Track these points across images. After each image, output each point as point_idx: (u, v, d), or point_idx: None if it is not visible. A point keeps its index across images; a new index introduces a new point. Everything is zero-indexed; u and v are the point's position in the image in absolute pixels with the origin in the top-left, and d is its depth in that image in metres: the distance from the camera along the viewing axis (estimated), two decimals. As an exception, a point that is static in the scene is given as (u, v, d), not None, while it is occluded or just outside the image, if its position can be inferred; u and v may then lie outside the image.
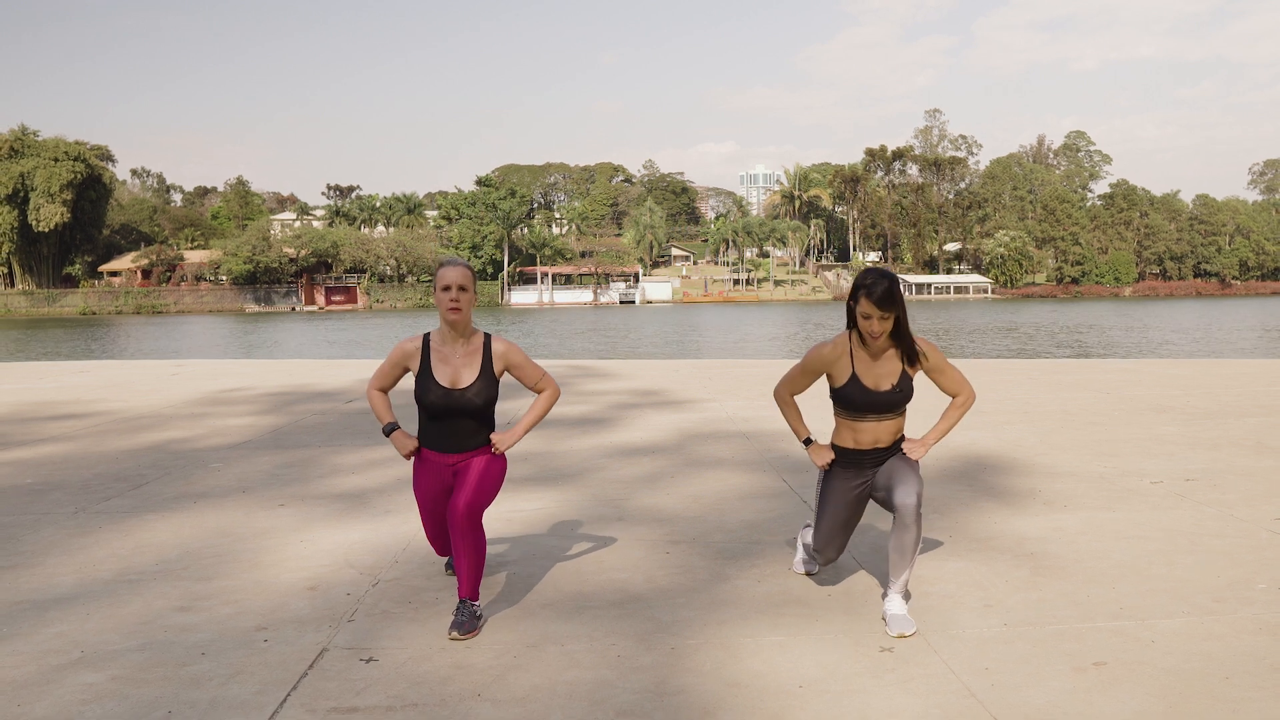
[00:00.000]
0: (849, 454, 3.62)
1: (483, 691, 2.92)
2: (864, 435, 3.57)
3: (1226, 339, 33.14)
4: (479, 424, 3.61)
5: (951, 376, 3.63)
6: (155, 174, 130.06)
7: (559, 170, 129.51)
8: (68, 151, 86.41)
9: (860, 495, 3.66)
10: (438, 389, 3.54)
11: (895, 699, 2.85)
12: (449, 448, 3.61)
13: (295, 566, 4.21)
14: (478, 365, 3.58)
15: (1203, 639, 3.26)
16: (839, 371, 3.53)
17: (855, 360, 3.52)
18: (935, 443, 3.62)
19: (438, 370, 3.57)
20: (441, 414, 3.56)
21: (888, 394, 3.50)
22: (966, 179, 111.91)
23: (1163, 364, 14.04)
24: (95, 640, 3.35)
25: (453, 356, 3.59)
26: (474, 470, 3.57)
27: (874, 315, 3.37)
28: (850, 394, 3.51)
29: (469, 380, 3.56)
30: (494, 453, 3.64)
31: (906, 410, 3.61)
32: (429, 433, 3.63)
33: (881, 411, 3.52)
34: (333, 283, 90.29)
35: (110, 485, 5.92)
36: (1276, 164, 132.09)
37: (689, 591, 3.84)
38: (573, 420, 8.51)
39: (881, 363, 3.51)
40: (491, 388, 3.58)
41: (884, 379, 3.50)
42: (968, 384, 3.67)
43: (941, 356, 3.58)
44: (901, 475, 3.49)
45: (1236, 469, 6.07)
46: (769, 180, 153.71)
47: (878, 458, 3.60)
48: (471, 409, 3.55)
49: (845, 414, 3.58)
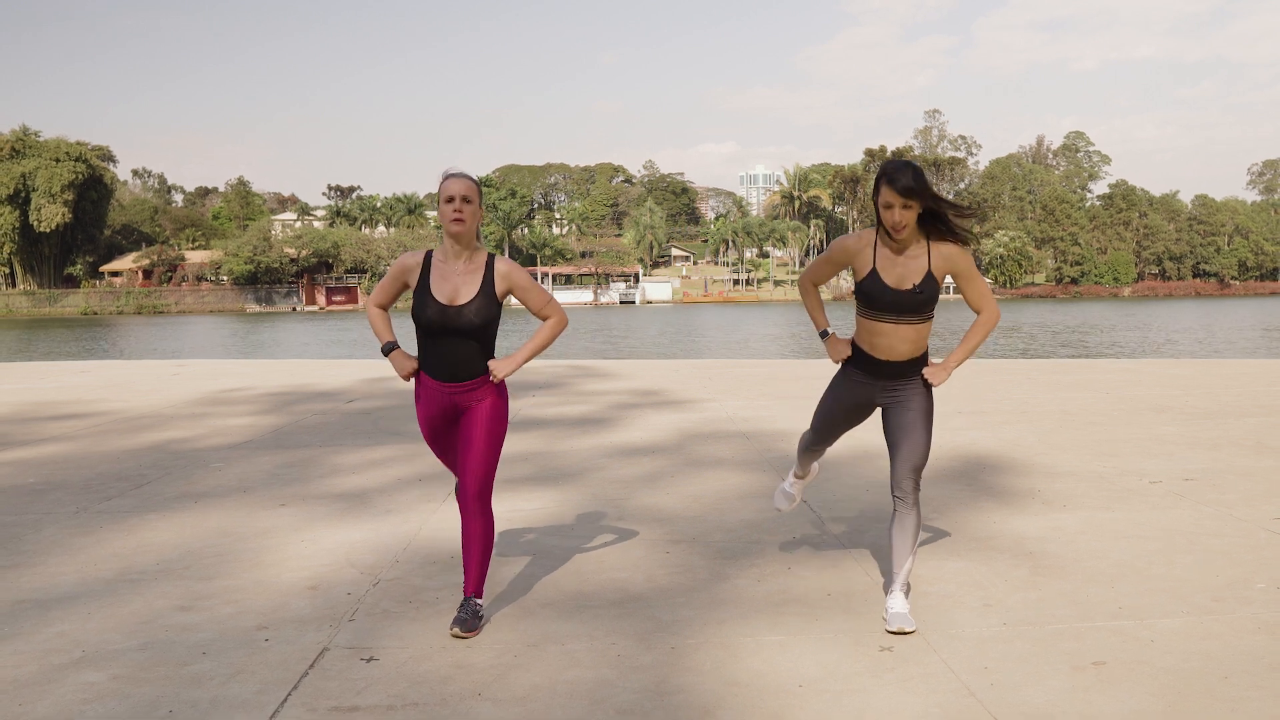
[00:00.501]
0: (864, 358, 3.51)
1: (483, 691, 2.93)
2: (880, 340, 3.43)
3: (1230, 339, 33.19)
4: (478, 347, 3.42)
5: (978, 288, 3.49)
6: (156, 174, 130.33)
7: (559, 170, 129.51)
8: (69, 152, 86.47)
9: (863, 405, 3.58)
10: (435, 305, 3.36)
11: (895, 698, 2.85)
12: (447, 375, 3.43)
13: (296, 566, 4.21)
14: (478, 282, 3.40)
15: (1201, 638, 3.26)
16: (861, 264, 3.41)
17: (878, 255, 3.38)
18: (957, 365, 3.49)
19: (436, 286, 3.38)
20: (438, 332, 3.38)
21: (909, 293, 3.35)
22: (966, 179, 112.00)
23: (1162, 364, 14.04)
24: (96, 639, 3.36)
25: (453, 273, 3.41)
26: (477, 430, 3.44)
27: (895, 204, 3.23)
28: (870, 289, 3.38)
29: (468, 297, 3.38)
30: (492, 379, 3.48)
31: (931, 319, 3.44)
32: (427, 356, 3.45)
33: (901, 312, 3.37)
34: (333, 283, 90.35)
35: (112, 485, 5.93)
36: (1275, 164, 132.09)
37: (689, 591, 3.84)
38: (573, 420, 8.52)
39: (905, 260, 3.37)
40: (492, 307, 3.40)
41: (906, 277, 3.36)
42: (993, 300, 3.51)
43: (971, 262, 3.44)
44: (909, 435, 3.42)
45: (1236, 469, 6.08)
46: (769, 180, 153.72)
47: (893, 371, 3.47)
48: (469, 328, 3.37)
49: (864, 312, 3.45)
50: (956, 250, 3.39)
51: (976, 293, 3.50)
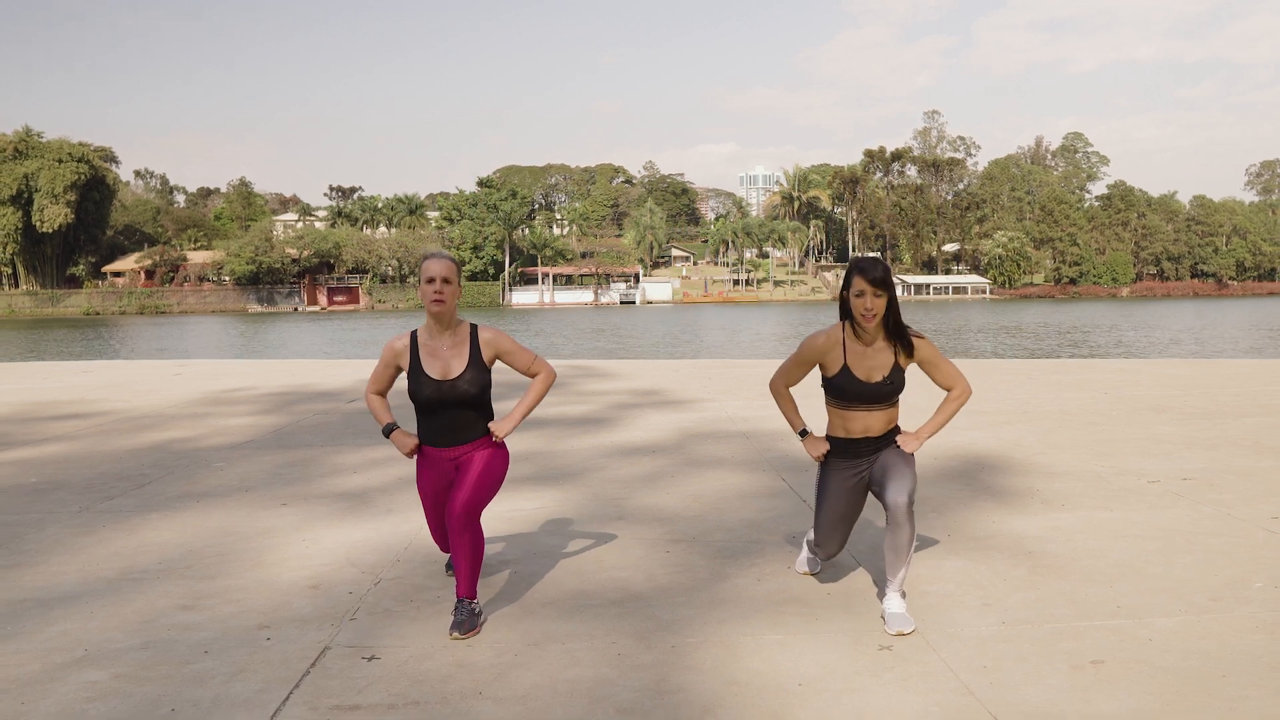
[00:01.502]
0: (842, 443, 3.65)
1: (484, 689, 2.94)
2: (854, 424, 3.60)
3: (1235, 338, 33.14)
4: (475, 414, 3.61)
5: (946, 371, 3.63)
6: (158, 175, 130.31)
7: (560, 171, 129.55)
8: (71, 153, 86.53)
9: (857, 486, 3.68)
10: (430, 382, 3.54)
11: (894, 697, 2.87)
12: (448, 441, 3.61)
13: (297, 565, 4.23)
14: (466, 354, 3.58)
15: (1200, 637, 3.27)
16: (831, 361, 3.56)
17: (848, 351, 3.55)
18: (929, 436, 3.64)
19: (428, 364, 3.57)
20: (436, 407, 3.56)
21: (878, 385, 3.52)
22: (965, 180, 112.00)
23: (1161, 364, 14.05)
24: (99, 638, 3.37)
25: (441, 349, 3.59)
26: (474, 468, 3.57)
27: (867, 292, 3.40)
28: (841, 384, 3.54)
29: (459, 370, 3.55)
30: (494, 440, 3.65)
31: (899, 401, 3.63)
32: (427, 429, 3.63)
33: (872, 402, 3.55)
34: (335, 283, 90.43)
35: (114, 484, 5.94)
36: (1273, 165, 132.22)
37: (689, 590, 3.86)
38: (573, 420, 8.54)
39: (873, 354, 3.54)
40: (483, 375, 3.58)
41: (875, 370, 3.53)
42: (963, 379, 3.67)
43: (935, 350, 3.60)
44: (895, 471, 3.51)
45: (1234, 469, 6.09)
46: (768, 181, 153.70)
47: (871, 446, 3.62)
48: (466, 399, 3.55)
49: (836, 404, 3.61)
50: (919, 342, 3.56)
51: (946, 375, 3.65)
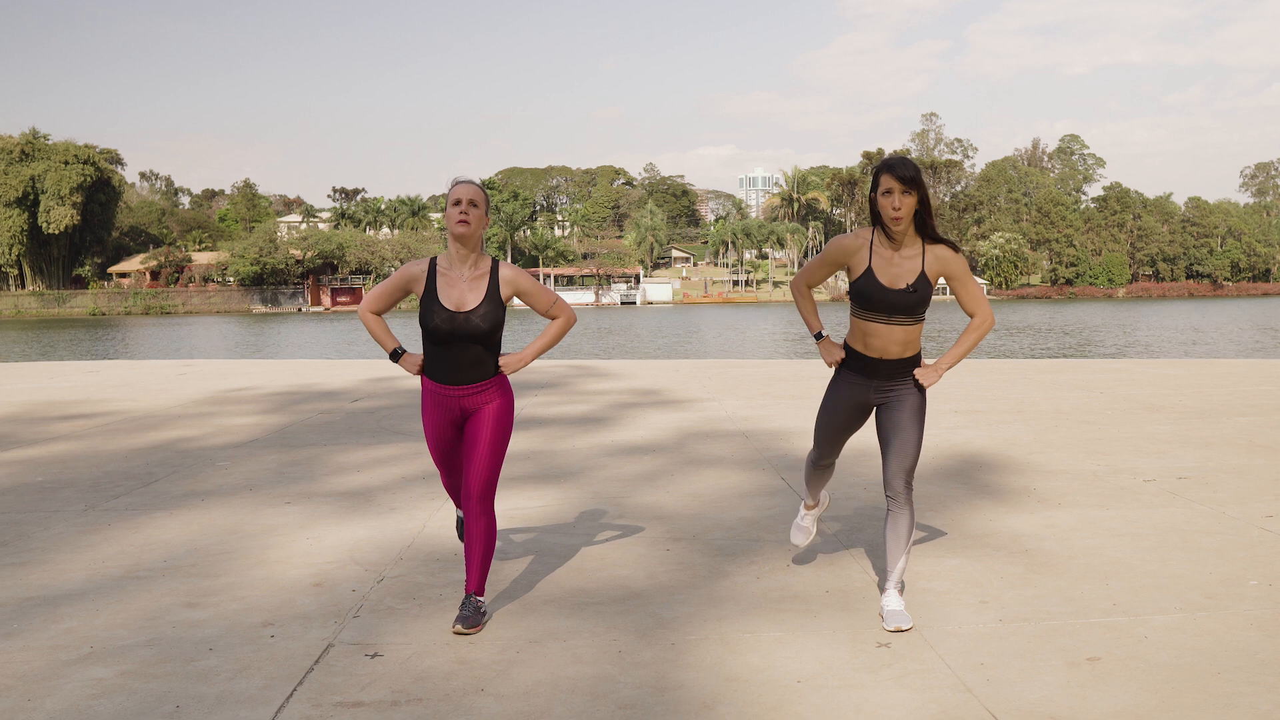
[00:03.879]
0: (858, 358, 3.54)
1: (486, 686, 2.96)
2: (873, 340, 3.46)
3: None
4: (485, 350, 3.49)
5: (972, 291, 3.49)
6: (164, 177, 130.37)
7: (561, 173, 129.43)
8: (77, 155, 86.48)
9: (862, 405, 3.61)
10: (443, 311, 3.42)
11: (892, 694, 2.88)
12: (455, 379, 3.49)
13: (301, 563, 4.25)
14: (484, 288, 3.47)
15: (1195, 635, 3.29)
16: (856, 263, 3.43)
17: (874, 254, 3.40)
18: (949, 368, 3.51)
19: (443, 293, 3.45)
20: (446, 338, 3.44)
21: (902, 292, 3.37)
22: (962, 182, 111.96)
23: (1155, 364, 14.06)
24: (104, 636, 3.39)
25: (459, 280, 3.47)
26: (485, 432, 3.50)
27: (895, 189, 3.26)
28: (864, 288, 3.40)
29: (474, 303, 3.45)
30: (503, 372, 3.55)
31: (921, 323, 3.49)
32: (434, 361, 3.51)
33: (893, 311, 3.40)
34: (338, 284, 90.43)
35: (120, 483, 5.97)
36: (1267, 167, 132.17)
37: (689, 588, 3.88)
38: (574, 419, 8.56)
39: (900, 260, 3.39)
40: (498, 311, 3.47)
41: (900, 277, 3.38)
42: (986, 304, 3.52)
43: (965, 266, 3.45)
44: (900, 437, 3.45)
45: (1228, 467, 6.11)
46: (767, 183, 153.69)
47: (886, 369, 3.50)
48: (477, 333, 3.44)
49: (858, 311, 3.49)
50: (950, 253, 3.42)
51: (970, 296, 3.52)
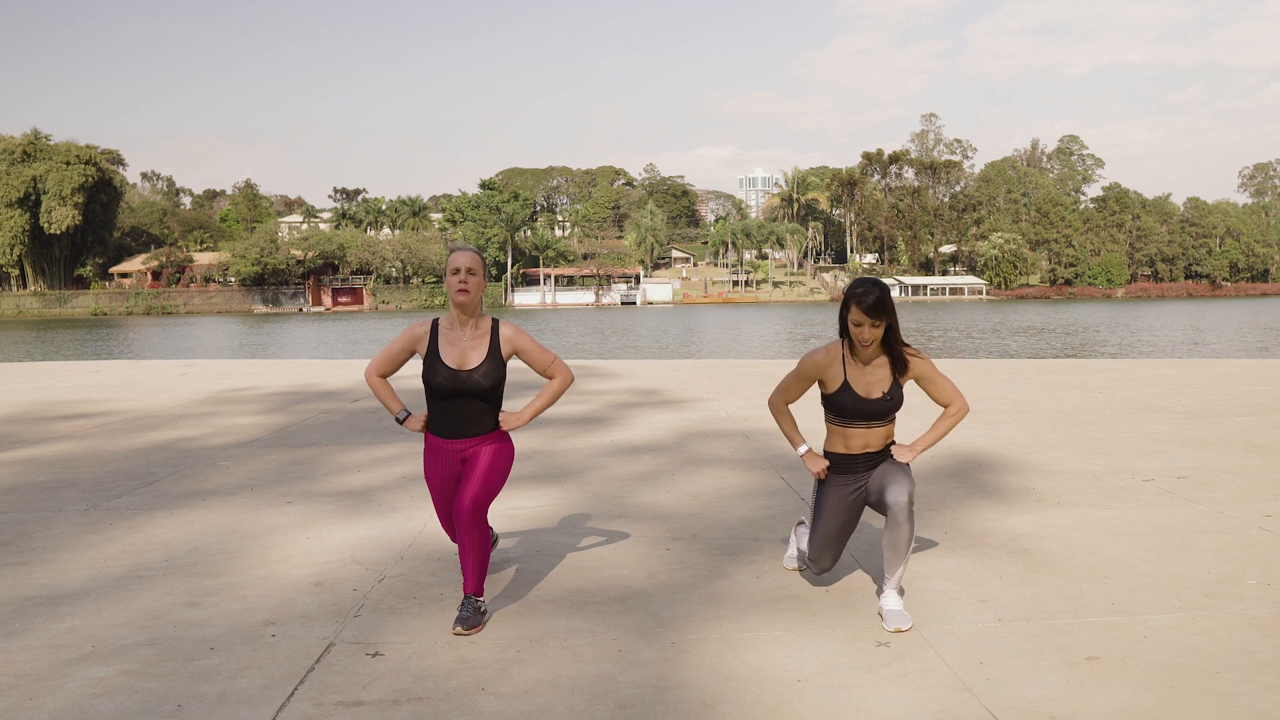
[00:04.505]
0: (841, 459, 3.69)
1: (486, 686, 2.97)
2: (854, 440, 3.65)
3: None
4: (486, 406, 3.61)
5: (943, 387, 3.67)
6: (165, 177, 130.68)
7: (561, 174, 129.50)
8: (79, 155, 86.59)
9: (855, 502, 3.71)
10: (445, 370, 3.54)
11: (891, 693, 2.89)
12: (457, 433, 3.60)
13: (302, 563, 4.26)
14: (485, 348, 3.59)
15: (1193, 634, 3.30)
16: (831, 378, 3.61)
17: (847, 367, 3.59)
18: (924, 450, 3.67)
19: (445, 352, 3.57)
20: (449, 395, 3.55)
21: (878, 401, 3.57)
22: (961, 182, 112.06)
23: (1154, 364, 14.07)
24: (106, 635, 3.40)
25: (460, 339, 3.59)
26: (481, 463, 3.59)
27: (865, 323, 3.46)
28: (841, 401, 3.59)
29: (476, 362, 3.56)
30: (503, 429, 3.65)
31: (896, 417, 3.68)
32: (437, 417, 3.62)
33: (871, 419, 3.60)
34: (339, 284, 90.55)
35: (121, 483, 5.98)
36: (1266, 168, 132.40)
37: (689, 587, 3.89)
38: (574, 419, 8.57)
39: (872, 370, 3.58)
40: (499, 370, 3.58)
41: (874, 386, 3.58)
42: (960, 395, 3.71)
43: (932, 366, 3.64)
44: (893, 476, 3.55)
45: (1226, 467, 6.12)
46: (767, 183, 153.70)
47: (869, 461, 3.67)
48: (479, 391, 3.55)
49: (836, 420, 3.65)
50: (916, 359, 3.61)
51: (942, 392, 3.68)
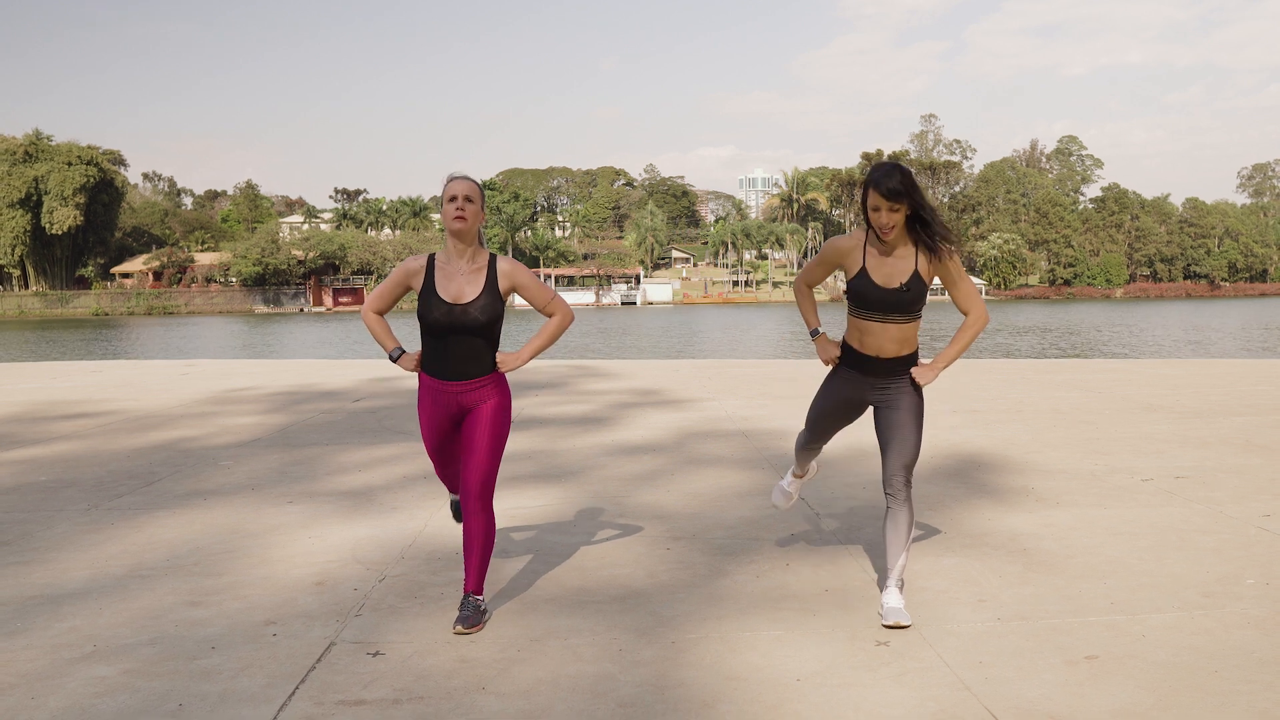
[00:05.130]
0: (854, 355, 3.59)
1: (487, 685, 2.98)
2: (869, 338, 3.51)
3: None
4: (483, 344, 3.50)
5: (965, 289, 3.52)
6: (166, 178, 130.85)
7: (561, 174, 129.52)
8: (81, 156, 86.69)
9: (854, 402, 3.64)
10: (441, 305, 3.43)
11: (891, 692, 2.90)
12: (453, 373, 3.49)
13: (303, 562, 4.27)
14: (482, 281, 3.48)
15: (1192, 633, 3.31)
16: (851, 263, 3.48)
17: (868, 254, 3.45)
18: (945, 366, 3.53)
19: (441, 286, 3.46)
20: (444, 331, 3.45)
21: (896, 291, 3.42)
22: (961, 182, 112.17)
23: (1153, 364, 14.06)
24: (107, 634, 3.41)
25: (457, 274, 3.48)
26: (483, 428, 3.50)
27: (882, 207, 3.31)
28: (859, 287, 3.45)
29: (473, 295, 3.45)
30: (500, 370, 3.56)
31: (917, 321, 3.52)
32: (432, 356, 3.52)
33: (888, 310, 3.44)
34: (340, 284, 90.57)
35: (122, 482, 5.99)
36: (1265, 168, 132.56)
37: (689, 587, 3.90)
38: (574, 419, 8.58)
39: (895, 260, 3.43)
40: (496, 304, 3.48)
41: (894, 276, 3.42)
42: (981, 302, 3.56)
43: (959, 266, 3.48)
44: (899, 436, 3.48)
45: (1225, 467, 6.13)
46: (767, 184, 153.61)
47: (883, 369, 3.54)
48: (475, 326, 3.44)
49: (854, 310, 3.53)
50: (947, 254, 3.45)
51: (964, 294, 3.55)
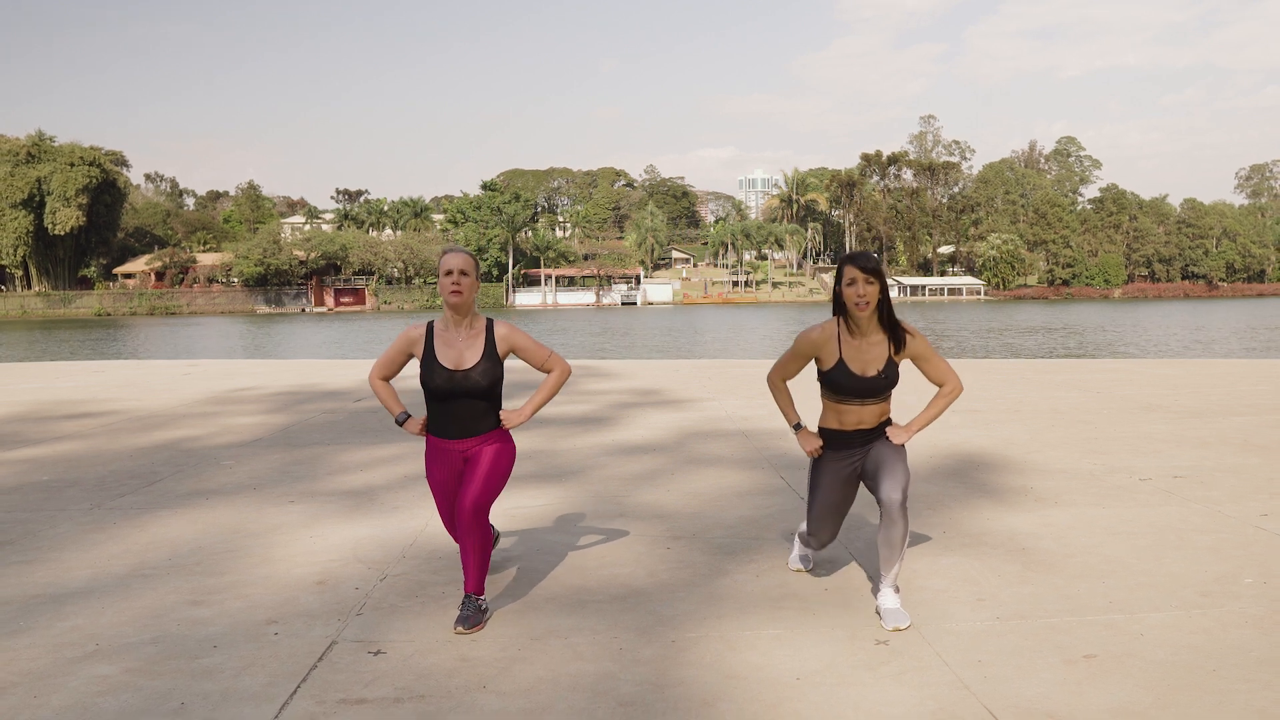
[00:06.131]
0: (835, 436, 3.68)
1: (488, 684, 2.99)
2: (848, 418, 3.63)
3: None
4: (486, 406, 3.61)
5: (937, 366, 3.66)
6: (168, 178, 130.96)
7: (562, 175, 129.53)
8: (83, 156, 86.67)
9: (850, 477, 3.70)
10: (442, 371, 3.55)
11: (890, 691, 2.91)
12: (457, 433, 3.61)
13: (305, 561, 4.28)
14: (481, 347, 3.59)
15: (1190, 632, 3.32)
16: (827, 355, 3.59)
17: (843, 345, 3.57)
18: (919, 430, 3.66)
19: (441, 354, 3.58)
20: (446, 396, 3.56)
21: (873, 379, 3.54)
22: (960, 183, 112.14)
23: (1152, 364, 14.07)
24: (110, 633, 3.42)
25: (456, 340, 3.60)
26: (482, 464, 3.60)
27: (859, 279, 3.42)
28: (837, 378, 3.56)
29: (473, 361, 3.57)
30: (504, 427, 3.66)
31: (892, 395, 3.66)
32: (437, 418, 3.63)
33: (866, 396, 3.57)
34: (341, 284, 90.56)
35: (125, 482, 6.00)
36: (1262, 169, 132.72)
37: (689, 586, 3.91)
38: (574, 419, 8.59)
39: (868, 348, 3.56)
40: (496, 368, 3.59)
41: (870, 364, 3.55)
42: (954, 375, 3.70)
43: (928, 345, 3.62)
44: (888, 467, 3.54)
45: (1224, 466, 6.14)
46: (767, 185, 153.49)
47: (864, 438, 3.65)
48: (477, 390, 3.56)
49: (831, 397, 3.63)
50: (912, 337, 3.58)
51: (938, 371, 3.68)
